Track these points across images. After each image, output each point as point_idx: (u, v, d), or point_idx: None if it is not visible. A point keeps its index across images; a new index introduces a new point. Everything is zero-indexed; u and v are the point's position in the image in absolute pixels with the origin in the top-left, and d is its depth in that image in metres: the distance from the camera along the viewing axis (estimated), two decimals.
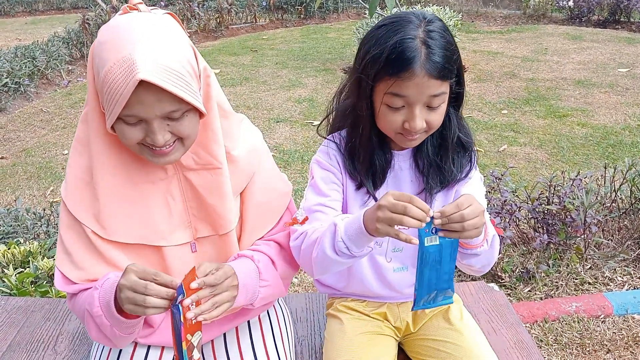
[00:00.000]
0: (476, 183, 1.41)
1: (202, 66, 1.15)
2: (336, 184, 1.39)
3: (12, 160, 4.78)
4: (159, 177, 1.22)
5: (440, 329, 1.45)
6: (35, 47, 7.06)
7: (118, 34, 1.04)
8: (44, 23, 11.75)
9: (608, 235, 3.00)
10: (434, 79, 1.17)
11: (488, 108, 5.44)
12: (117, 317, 1.11)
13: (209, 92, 1.18)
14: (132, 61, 0.99)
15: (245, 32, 9.80)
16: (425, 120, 1.22)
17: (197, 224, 1.26)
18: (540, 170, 4.13)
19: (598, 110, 5.28)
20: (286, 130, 5.11)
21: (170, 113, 1.07)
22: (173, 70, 1.03)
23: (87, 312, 1.17)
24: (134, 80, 0.98)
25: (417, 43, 1.16)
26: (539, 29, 8.87)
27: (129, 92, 1.00)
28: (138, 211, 1.21)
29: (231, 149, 1.26)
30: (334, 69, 7.04)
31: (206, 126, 1.19)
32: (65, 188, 1.21)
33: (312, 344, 1.66)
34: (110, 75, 1.01)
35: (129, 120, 1.07)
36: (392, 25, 1.20)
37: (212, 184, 1.22)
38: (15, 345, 1.67)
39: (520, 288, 2.73)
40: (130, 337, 1.20)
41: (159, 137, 1.08)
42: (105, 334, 1.18)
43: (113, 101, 1.02)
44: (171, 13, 1.15)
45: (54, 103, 6.24)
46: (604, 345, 2.37)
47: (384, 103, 1.22)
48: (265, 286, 1.28)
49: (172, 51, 1.05)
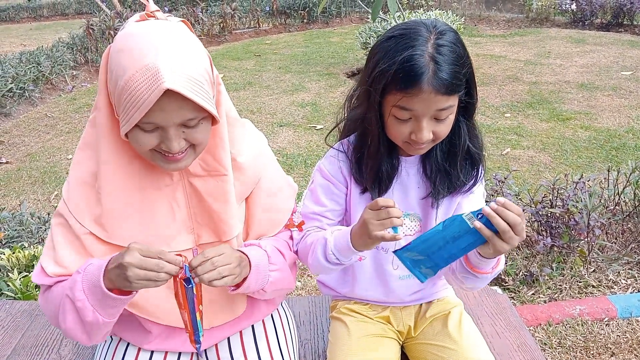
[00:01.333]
0: (478, 199, 1.42)
1: (216, 73, 1.17)
2: (335, 194, 1.41)
3: (17, 165, 4.81)
4: (164, 183, 1.22)
5: (438, 334, 1.45)
6: (40, 53, 7.11)
7: (138, 42, 1.04)
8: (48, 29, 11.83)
9: (612, 238, 3.00)
10: (440, 95, 1.17)
11: (491, 111, 5.44)
12: (108, 294, 1.09)
13: (220, 100, 1.19)
14: (156, 69, 1.00)
15: (248, 37, 9.84)
16: (433, 131, 1.23)
17: (200, 230, 1.27)
18: (543, 173, 4.13)
19: (601, 113, 5.27)
20: (289, 135, 5.12)
21: (188, 121, 1.08)
22: (195, 80, 1.04)
23: (67, 298, 1.14)
24: (159, 88, 0.99)
25: (426, 59, 1.15)
26: (542, 32, 8.87)
27: (152, 100, 1.00)
28: (142, 216, 1.21)
29: (237, 155, 1.27)
30: (337, 73, 7.05)
31: (215, 133, 1.20)
32: (68, 189, 1.22)
33: (316, 347, 1.66)
34: (132, 83, 1.01)
35: (146, 127, 1.08)
36: (401, 38, 1.19)
37: (217, 190, 1.23)
38: (20, 349, 1.68)
39: (524, 291, 2.73)
40: (109, 325, 1.17)
41: (174, 144, 1.09)
42: (82, 323, 1.15)
43: (134, 108, 1.03)
44: (184, 21, 1.16)
45: (59, 108, 6.27)
46: (608, 349, 2.36)
47: (392, 115, 1.23)
48: (274, 270, 1.29)
49: (193, 60, 1.06)
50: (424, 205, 1.41)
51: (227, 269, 1.14)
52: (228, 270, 1.14)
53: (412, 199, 1.41)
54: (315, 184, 1.43)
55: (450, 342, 1.41)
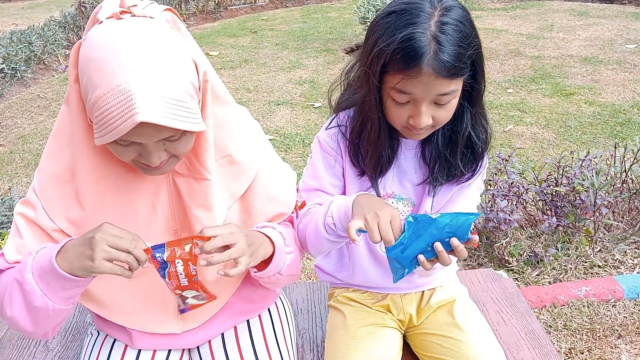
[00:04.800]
0: (473, 193, 1.35)
1: (202, 71, 1.04)
2: (335, 168, 1.34)
3: (9, 148, 4.71)
4: (147, 180, 1.14)
5: (443, 325, 1.39)
6: (32, 32, 6.94)
7: (109, 55, 0.92)
8: (41, 7, 11.60)
9: (618, 217, 2.92)
10: (442, 78, 1.07)
11: (493, 87, 5.32)
12: (60, 273, 0.99)
13: (206, 100, 1.08)
14: (128, 95, 0.89)
15: (244, 13, 9.65)
16: (432, 116, 1.14)
17: (182, 232, 1.19)
18: (547, 150, 4.04)
19: (606, 87, 5.16)
20: (287, 113, 5.02)
21: (168, 137, 0.99)
22: (174, 101, 0.93)
23: (15, 281, 1.04)
24: (132, 120, 0.89)
25: (427, 38, 1.06)
26: (544, 5, 8.69)
27: (125, 129, 0.90)
28: (121, 214, 1.12)
29: (233, 152, 1.18)
30: (335, 50, 6.91)
31: (200, 135, 1.10)
32: (41, 182, 1.12)
33: (314, 336, 1.59)
34: (103, 104, 0.91)
35: (123, 143, 0.98)
36: (402, 14, 1.09)
37: (198, 194, 1.14)
38: (6, 342, 1.61)
39: (528, 272, 2.66)
40: (60, 314, 1.07)
41: (154, 159, 1.01)
42: (29, 309, 1.04)
43: (105, 131, 0.92)
44: (171, 9, 1.04)
45: (52, 88, 6.15)
46: (615, 331, 2.30)
47: (390, 97, 1.14)
48: (290, 252, 1.23)
49: (172, 76, 0.94)
50: (419, 190, 1.33)
51: (237, 250, 1.05)
52: (238, 251, 1.05)
53: (408, 183, 1.33)
54: (314, 159, 1.36)
55: (457, 332, 1.34)
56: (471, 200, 1.36)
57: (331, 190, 1.35)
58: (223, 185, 1.18)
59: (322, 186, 1.34)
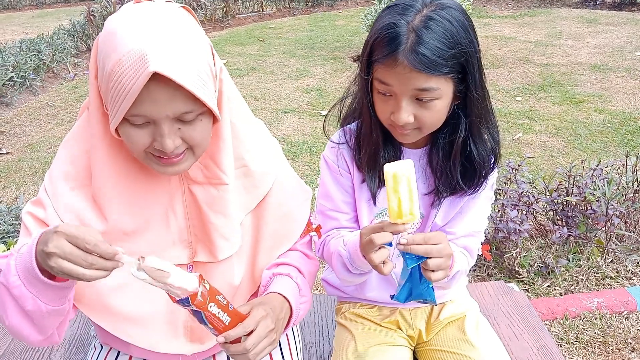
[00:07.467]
0: (482, 203, 1.32)
1: (219, 66, 1.03)
2: (344, 184, 1.34)
3: (17, 156, 4.72)
4: (162, 188, 1.10)
5: (454, 340, 1.35)
6: (41, 41, 6.99)
7: (128, 25, 0.92)
8: (50, 16, 11.70)
9: (630, 227, 2.87)
10: (417, 72, 1.06)
11: (501, 95, 5.29)
12: (41, 279, 0.92)
13: (222, 96, 1.06)
14: (143, 53, 0.88)
15: (252, 22, 9.68)
16: (415, 115, 1.12)
17: (197, 245, 1.15)
18: (557, 158, 3.99)
19: (615, 95, 5.11)
20: (294, 121, 5.00)
21: (182, 115, 0.95)
22: (189, 66, 0.92)
23: (2, 286, 0.97)
24: (146, 72, 0.87)
25: (406, 29, 1.07)
26: (552, 12, 8.66)
27: (139, 86, 0.88)
28: (135, 225, 1.09)
29: (250, 161, 1.15)
30: (342, 58, 6.90)
31: (217, 134, 1.07)
32: (52, 183, 1.09)
33: (321, 351, 1.56)
34: (118, 68, 0.90)
35: (136, 121, 0.95)
36: (394, 8, 1.12)
37: (216, 201, 1.11)
38: (9, 354, 1.60)
39: (539, 283, 2.62)
40: (58, 314, 1.01)
41: (168, 142, 0.96)
42: (25, 315, 0.99)
43: (120, 97, 0.91)
44: (187, 7, 1.03)
45: (60, 97, 6.17)
46: (628, 344, 2.25)
47: (376, 89, 1.16)
48: (304, 302, 1.21)
49: (188, 46, 0.93)
50: (427, 201, 1.32)
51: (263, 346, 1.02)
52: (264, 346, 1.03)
53: None
54: (324, 178, 1.36)
55: (468, 348, 1.31)
56: (480, 210, 1.33)
57: (344, 208, 1.34)
58: (239, 194, 1.15)
59: (336, 205, 1.34)
